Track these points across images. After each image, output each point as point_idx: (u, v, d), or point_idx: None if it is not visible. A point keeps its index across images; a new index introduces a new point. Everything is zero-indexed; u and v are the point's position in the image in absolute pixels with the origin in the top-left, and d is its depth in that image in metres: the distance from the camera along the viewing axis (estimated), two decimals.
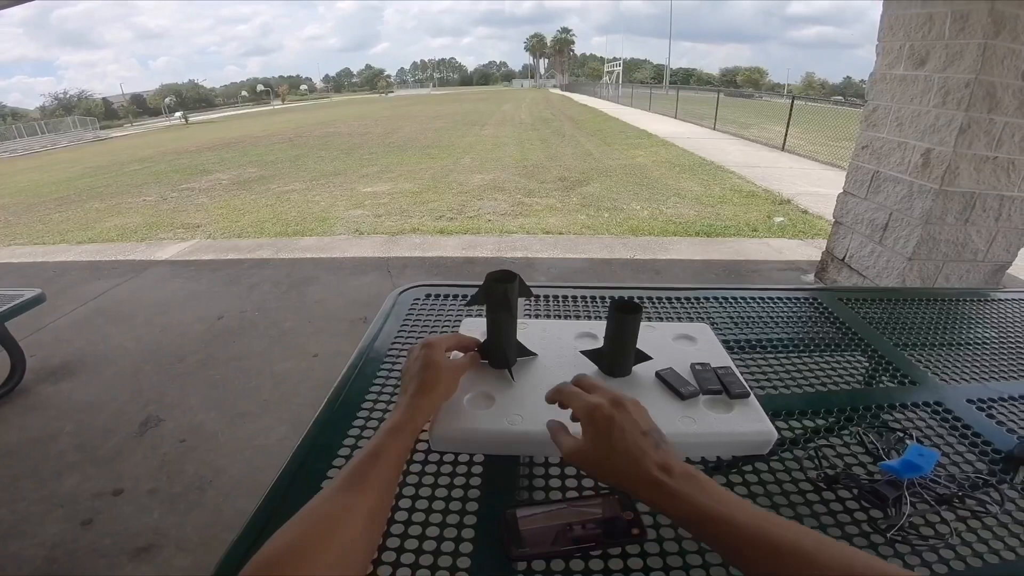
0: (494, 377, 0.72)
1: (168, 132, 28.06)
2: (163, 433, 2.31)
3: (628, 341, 0.71)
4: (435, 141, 12.39)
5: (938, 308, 1.15)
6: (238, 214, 6.15)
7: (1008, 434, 0.73)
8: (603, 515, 0.55)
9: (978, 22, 2.49)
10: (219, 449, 2.19)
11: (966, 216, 2.81)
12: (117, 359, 2.97)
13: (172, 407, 2.49)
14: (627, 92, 28.54)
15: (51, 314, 3.48)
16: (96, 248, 5.19)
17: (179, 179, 9.23)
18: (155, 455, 2.17)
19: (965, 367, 0.91)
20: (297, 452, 0.67)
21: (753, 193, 6.43)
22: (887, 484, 0.60)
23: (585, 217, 5.41)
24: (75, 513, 1.88)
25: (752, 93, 47.82)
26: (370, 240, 4.87)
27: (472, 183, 7.22)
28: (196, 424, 2.36)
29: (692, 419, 0.65)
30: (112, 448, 2.22)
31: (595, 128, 14.54)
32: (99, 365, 2.92)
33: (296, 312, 3.43)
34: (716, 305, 1.11)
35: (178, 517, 1.85)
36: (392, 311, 1.06)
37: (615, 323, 0.70)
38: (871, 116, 3.20)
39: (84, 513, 1.88)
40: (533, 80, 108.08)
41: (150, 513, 1.87)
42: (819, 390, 0.83)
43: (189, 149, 14.85)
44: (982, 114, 2.60)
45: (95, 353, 3.05)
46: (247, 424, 2.35)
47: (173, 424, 2.36)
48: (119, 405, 2.52)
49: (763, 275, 3.92)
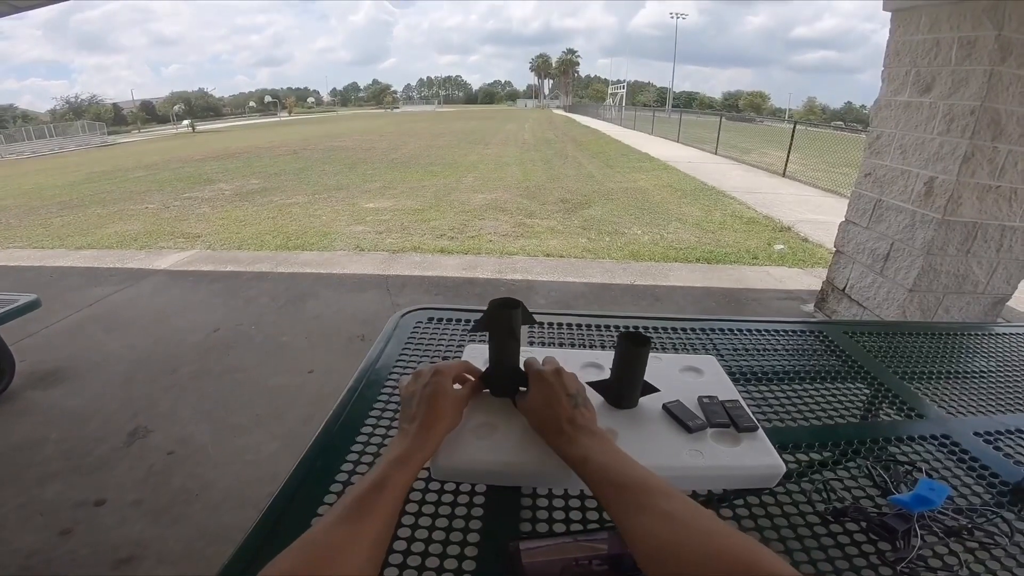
0: (497, 406, 0.71)
1: (175, 140, 28.28)
2: (151, 444, 2.28)
3: (636, 373, 0.70)
4: (439, 159, 12.49)
5: (941, 342, 1.16)
6: (239, 225, 6.17)
7: (1016, 466, 0.73)
8: (608, 550, 0.54)
9: (984, 48, 2.51)
10: (208, 462, 2.16)
11: (967, 247, 2.80)
12: (109, 367, 2.94)
13: (162, 418, 2.46)
14: (630, 115, 28.87)
15: (45, 319, 3.45)
16: (95, 254, 5.19)
17: (182, 188, 9.27)
18: (141, 466, 2.14)
19: (971, 400, 0.92)
20: (294, 475, 0.66)
21: (754, 219, 6.46)
22: (896, 517, 0.60)
23: (586, 240, 5.42)
24: (55, 522, 1.85)
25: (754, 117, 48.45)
26: (370, 257, 4.88)
27: (474, 202, 7.26)
28: (186, 436, 2.32)
29: (699, 452, 0.64)
30: (98, 457, 2.19)
31: (597, 150, 14.68)
32: (90, 373, 2.89)
33: (293, 327, 3.41)
34: (720, 336, 1.11)
35: (162, 529, 1.82)
36: (394, 334, 1.05)
37: (624, 355, 0.69)
38: (875, 143, 3.22)
39: (64, 522, 1.85)
40: (537, 100, 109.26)
41: (132, 524, 1.84)
42: (825, 423, 0.83)
43: (194, 158, 14.94)
44: (986, 142, 2.60)
45: (87, 360, 3.02)
46: (238, 438, 2.31)
47: (162, 435, 2.33)
48: (108, 414, 2.49)
49: (763, 304, 3.92)
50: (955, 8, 2.64)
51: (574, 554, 0.53)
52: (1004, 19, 2.42)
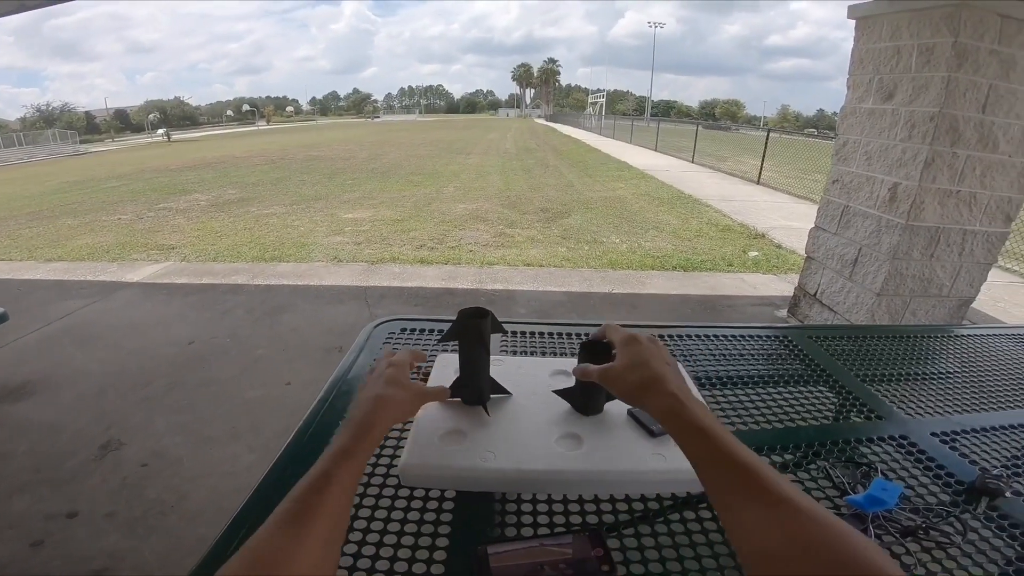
0: (466, 414, 0.72)
1: (149, 149, 27.81)
2: (124, 457, 2.25)
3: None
4: (419, 168, 12.48)
5: (903, 344, 1.19)
6: (215, 237, 6.09)
7: (970, 466, 0.75)
8: (573, 555, 0.55)
9: (942, 55, 2.58)
10: (183, 475, 2.14)
11: (931, 251, 2.88)
12: (80, 381, 2.89)
13: (135, 431, 2.43)
14: (609, 124, 29.20)
15: (14, 333, 3.38)
16: (65, 267, 5.08)
17: (156, 198, 9.12)
18: (114, 478, 2.11)
19: (929, 401, 0.94)
20: (262, 485, 0.66)
21: (729, 227, 6.58)
22: (853, 518, 0.61)
23: (565, 250, 5.46)
24: (25, 534, 1.82)
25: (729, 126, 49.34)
26: (349, 268, 4.85)
27: (455, 212, 7.26)
28: (160, 449, 2.30)
29: (663, 456, 0.65)
30: (69, 470, 2.16)
31: (577, 159, 14.81)
32: (61, 386, 2.84)
33: (270, 340, 3.38)
34: (691, 343, 1.13)
35: (136, 541, 1.80)
36: (366, 344, 1.05)
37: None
38: (841, 150, 3.29)
39: (35, 534, 1.82)
40: (519, 109, 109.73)
41: (106, 536, 1.82)
42: (788, 426, 0.84)
43: (170, 167, 14.73)
44: (945, 148, 2.67)
45: (58, 374, 2.97)
46: (214, 450, 2.29)
47: (135, 448, 2.30)
48: (80, 427, 2.46)
49: (738, 310, 3.99)
50: (915, 16, 2.71)
51: (541, 558, 0.55)
52: (960, 26, 2.50)
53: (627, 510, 0.65)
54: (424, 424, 0.70)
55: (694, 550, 0.59)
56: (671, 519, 0.64)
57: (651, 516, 0.65)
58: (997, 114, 2.66)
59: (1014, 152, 2.75)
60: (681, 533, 0.61)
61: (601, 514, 0.64)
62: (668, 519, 0.64)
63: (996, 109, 2.65)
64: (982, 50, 2.54)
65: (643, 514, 0.65)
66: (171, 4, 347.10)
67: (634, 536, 0.61)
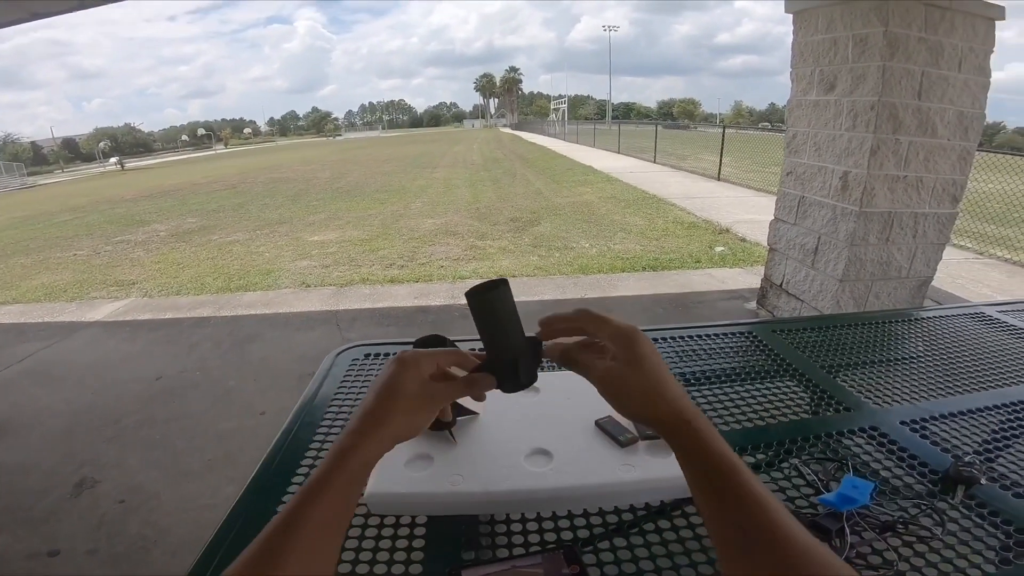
0: (432, 438, 0.72)
1: (103, 179, 26.97)
2: (100, 494, 2.23)
3: (505, 328, 0.52)
4: (385, 185, 12.38)
5: (866, 331, 1.20)
6: (177, 269, 5.92)
7: (943, 454, 0.74)
8: (545, 574, 0.55)
9: (875, 45, 2.67)
10: (162, 509, 2.13)
11: (887, 235, 2.96)
12: (46, 421, 2.85)
13: (109, 468, 2.40)
14: (573, 129, 29.55)
15: None
16: (21, 309, 4.90)
17: (113, 231, 8.83)
18: (93, 516, 2.10)
19: (896, 389, 0.94)
20: (229, 519, 0.66)
21: (694, 224, 6.71)
22: (828, 517, 0.60)
23: (537, 258, 5.49)
24: (8, 573, 1.80)
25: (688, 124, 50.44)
26: (317, 293, 4.77)
27: (423, 228, 7.22)
28: (135, 485, 2.28)
29: (632, 466, 0.66)
30: (44, 509, 2.14)
31: (544, 166, 14.93)
32: (26, 427, 2.81)
33: (240, 370, 3.31)
34: (662, 345, 1.12)
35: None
36: (329, 372, 1.03)
37: (478, 313, 0.52)
38: (792, 142, 3.37)
39: (19, 573, 1.81)
40: (484, 120, 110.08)
41: (90, 573, 1.81)
42: (757, 424, 0.84)
43: (125, 198, 14.30)
44: (888, 135, 2.75)
45: (21, 416, 2.93)
46: (191, 484, 2.27)
47: (110, 485, 2.29)
48: (50, 467, 2.43)
49: (708, 306, 4.06)
50: (847, 7, 2.81)
51: None
52: (889, 15, 2.59)
53: (601, 523, 0.65)
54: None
55: (671, 560, 0.59)
56: (646, 529, 0.64)
57: (626, 527, 0.64)
58: (932, 100, 2.76)
59: (951, 136, 2.87)
60: (657, 544, 0.61)
61: (576, 529, 0.64)
62: (643, 529, 0.64)
63: (931, 95, 2.75)
64: (911, 38, 2.64)
65: (617, 526, 0.65)
66: (112, 29, 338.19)
67: (610, 550, 0.60)
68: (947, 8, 2.66)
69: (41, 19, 3.41)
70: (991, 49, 2.84)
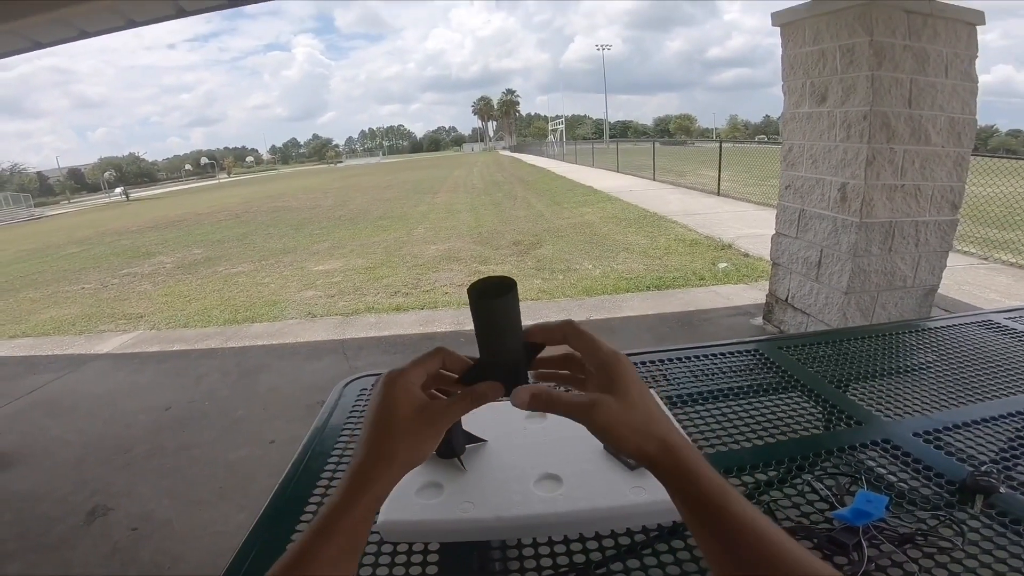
0: (441, 466, 0.72)
1: (108, 210, 27.30)
2: (112, 521, 2.27)
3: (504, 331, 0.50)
4: (387, 212, 12.47)
5: (874, 344, 1.18)
6: (183, 301, 5.96)
7: (959, 463, 0.73)
8: None
9: (863, 54, 2.70)
10: (175, 536, 2.16)
11: (889, 245, 2.95)
12: (57, 451, 2.91)
13: (121, 496, 2.44)
14: (571, 149, 29.77)
15: None
16: (31, 342, 4.96)
17: (120, 263, 8.93)
18: (106, 543, 2.13)
19: (908, 401, 0.93)
20: (242, 550, 0.66)
21: (696, 241, 6.73)
22: (844, 531, 0.60)
23: (540, 281, 5.49)
24: None
25: (685, 140, 50.68)
26: (323, 323, 4.79)
27: (427, 254, 7.25)
28: (147, 512, 2.31)
29: (642, 488, 0.66)
30: (58, 536, 2.18)
31: (544, 188, 15.03)
32: (37, 457, 2.87)
33: (248, 400, 3.34)
34: (670, 366, 1.11)
35: None
36: (338, 403, 1.04)
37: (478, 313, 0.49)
38: (788, 155, 3.38)
39: None
40: (483, 143, 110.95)
41: None
42: (767, 441, 0.83)
43: (130, 229, 14.48)
44: (883, 144, 2.76)
45: (33, 445, 2.99)
46: (203, 512, 2.30)
47: (123, 513, 2.32)
48: (62, 495, 2.48)
49: (714, 323, 4.06)
50: (832, 18, 2.84)
51: None
52: (873, 24, 2.62)
53: (613, 545, 0.65)
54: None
55: None
56: (659, 550, 0.64)
57: (638, 548, 0.65)
58: (923, 107, 2.78)
59: (945, 143, 2.87)
60: (671, 563, 0.61)
61: (588, 552, 0.64)
62: (656, 550, 0.64)
63: (921, 102, 2.77)
64: (897, 46, 2.66)
65: (630, 547, 0.65)
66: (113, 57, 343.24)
67: (623, 572, 0.61)
68: (928, 15, 2.69)
69: (44, 48, 3.50)
70: (975, 54, 2.87)
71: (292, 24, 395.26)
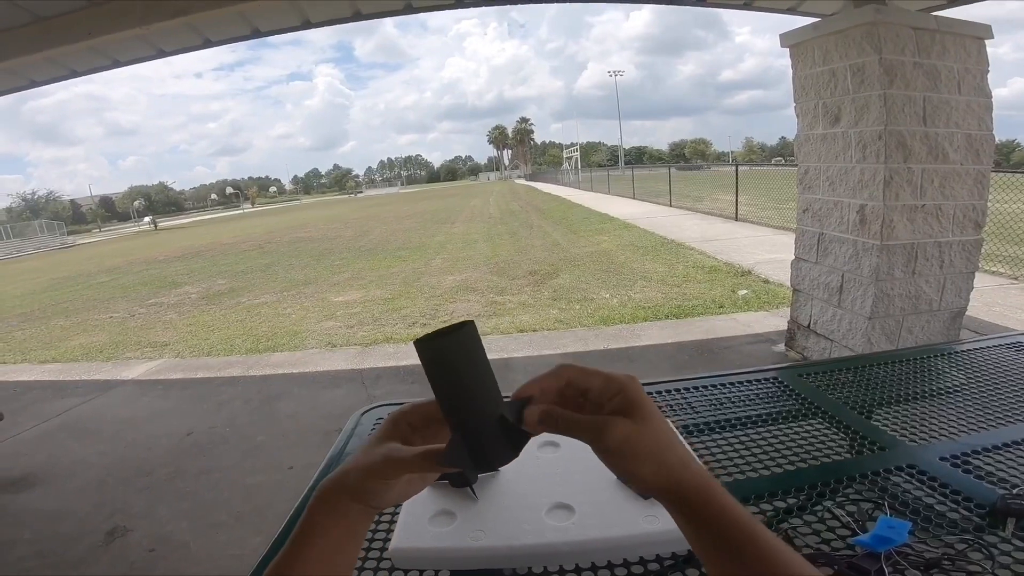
0: (453, 494, 0.73)
1: (137, 239, 28.26)
2: (131, 542, 2.32)
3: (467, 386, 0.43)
4: (406, 242, 12.61)
5: (900, 369, 1.16)
6: (207, 331, 6.09)
7: (989, 487, 0.72)
8: None
9: (873, 73, 2.66)
10: (191, 558, 2.19)
11: (912, 267, 2.86)
12: (80, 472, 2.99)
13: (140, 518, 2.50)
14: (586, 176, 29.97)
15: (11, 430, 3.51)
16: (60, 368, 5.14)
17: (147, 293, 9.17)
18: (123, 563, 2.18)
19: (933, 426, 0.92)
20: (255, 573, 0.68)
21: (715, 268, 6.67)
22: (866, 557, 0.59)
23: (557, 311, 5.47)
24: None
25: (701, 165, 50.63)
26: (343, 353, 4.85)
27: (444, 285, 7.29)
28: (165, 535, 2.36)
29: (656, 517, 0.66)
30: (76, 556, 2.23)
31: (560, 216, 15.09)
32: (61, 477, 2.95)
33: (268, 427, 3.39)
34: (689, 395, 1.10)
35: None
36: (354, 432, 1.05)
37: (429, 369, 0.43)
38: (804, 178, 3.33)
39: None
40: (499, 172, 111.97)
41: None
42: (787, 469, 0.82)
43: (158, 258, 14.91)
44: (900, 164, 2.70)
45: (57, 466, 3.08)
46: (220, 535, 2.33)
47: (141, 534, 2.37)
48: (83, 515, 2.54)
49: (735, 351, 4.01)
50: (840, 38, 2.82)
51: None
52: (881, 43, 2.60)
53: (627, 575, 0.65)
54: (412, 507, 0.70)
55: None
56: None
57: None
58: (938, 125, 2.73)
59: (963, 160, 2.81)
60: None
61: None
62: None
63: (936, 120, 2.72)
64: (907, 64, 2.64)
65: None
66: (144, 85, 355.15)
67: None
68: (936, 31, 2.67)
69: (80, 76, 3.68)
70: (986, 68, 2.83)
71: (314, 54, 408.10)
